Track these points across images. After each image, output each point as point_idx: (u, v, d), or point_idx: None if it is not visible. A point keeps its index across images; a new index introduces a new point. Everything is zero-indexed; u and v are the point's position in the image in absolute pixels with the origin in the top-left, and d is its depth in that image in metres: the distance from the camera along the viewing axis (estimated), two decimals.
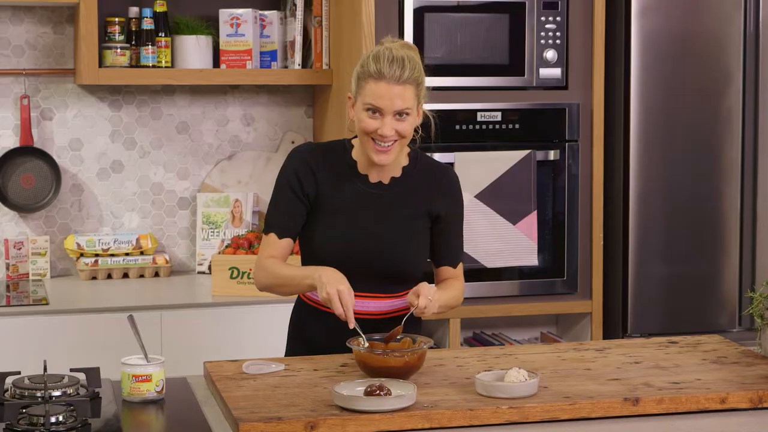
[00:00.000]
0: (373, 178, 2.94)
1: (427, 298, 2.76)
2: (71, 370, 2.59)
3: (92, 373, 2.57)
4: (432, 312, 2.80)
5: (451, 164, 3.92)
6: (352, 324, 2.70)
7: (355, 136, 2.97)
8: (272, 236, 2.93)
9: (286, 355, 3.06)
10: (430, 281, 2.95)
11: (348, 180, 2.93)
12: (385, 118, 2.80)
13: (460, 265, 3.05)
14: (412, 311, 2.77)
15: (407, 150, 2.97)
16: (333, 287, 2.71)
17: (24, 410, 2.37)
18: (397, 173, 2.95)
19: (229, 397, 2.51)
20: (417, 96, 2.83)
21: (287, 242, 2.93)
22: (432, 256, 3.02)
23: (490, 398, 2.49)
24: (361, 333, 2.72)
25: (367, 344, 2.69)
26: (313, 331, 2.99)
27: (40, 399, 2.44)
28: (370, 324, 2.86)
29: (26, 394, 2.46)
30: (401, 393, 2.44)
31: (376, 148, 2.83)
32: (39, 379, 2.51)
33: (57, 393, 2.46)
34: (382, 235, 2.91)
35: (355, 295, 2.78)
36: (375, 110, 2.80)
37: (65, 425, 2.34)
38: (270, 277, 2.91)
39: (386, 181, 2.94)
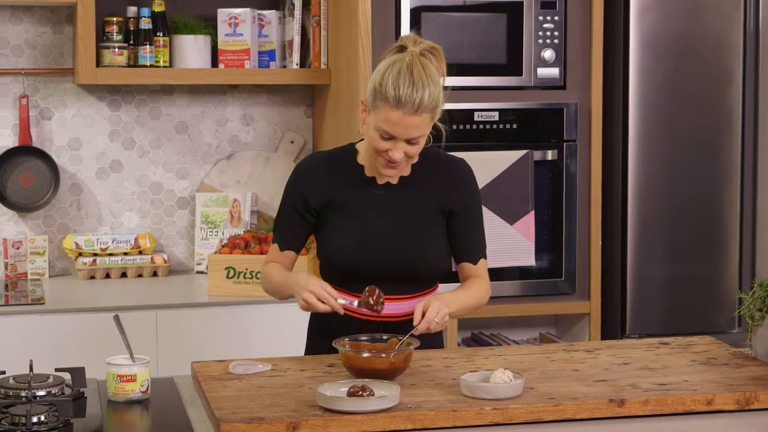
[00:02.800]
0: (381, 180, 2.93)
1: (430, 322, 2.72)
2: (56, 369, 2.59)
3: (77, 373, 2.57)
4: (437, 330, 2.77)
5: None
6: (342, 310, 2.74)
7: (361, 140, 2.97)
8: (275, 246, 3.00)
9: (305, 353, 3.05)
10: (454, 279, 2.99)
11: (356, 185, 2.93)
12: (397, 143, 2.78)
13: (483, 263, 3.00)
14: (414, 329, 2.74)
15: None
16: (305, 293, 2.74)
17: (6, 410, 2.37)
18: (407, 172, 2.93)
19: (213, 397, 2.51)
20: (432, 119, 2.80)
21: (289, 253, 2.99)
22: (452, 253, 2.99)
23: (474, 399, 2.48)
24: (350, 303, 2.77)
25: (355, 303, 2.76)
26: (336, 332, 2.85)
27: (24, 399, 2.43)
28: (393, 326, 2.86)
29: (10, 393, 2.46)
30: (384, 394, 2.43)
31: (385, 164, 2.83)
32: (24, 379, 2.51)
33: (41, 393, 2.46)
34: (394, 237, 2.89)
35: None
36: (388, 136, 2.78)
37: (47, 425, 2.33)
38: (265, 281, 3.00)
39: (395, 181, 2.93)
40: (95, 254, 4.33)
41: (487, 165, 4.07)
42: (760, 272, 4.28)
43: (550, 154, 4.18)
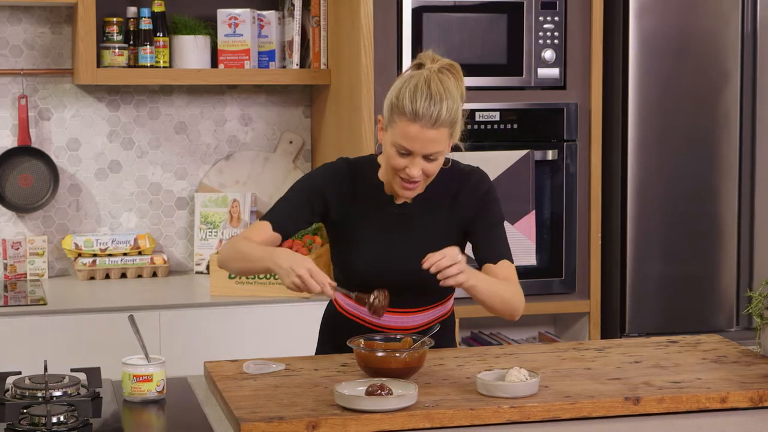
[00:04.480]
0: (399, 199, 2.91)
1: (452, 259, 2.63)
2: (72, 370, 2.59)
3: (93, 373, 2.57)
4: (460, 281, 2.66)
5: None
6: (332, 292, 2.68)
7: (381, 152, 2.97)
8: (265, 224, 2.89)
9: (316, 354, 3.05)
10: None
11: (375, 203, 2.91)
12: (414, 159, 2.75)
13: (508, 266, 2.93)
14: (439, 274, 2.65)
15: None
16: (301, 270, 2.64)
17: (25, 410, 2.37)
18: (422, 189, 2.91)
19: (230, 397, 2.51)
20: (450, 135, 2.77)
21: (276, 236, 2.89)
22: (475, 259, 2.95)
23: (491, 398, 2.49)
24: (347, 293, 2.81)
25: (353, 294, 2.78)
26: (344, 338, 2.81)
27: (41, 399, 2.43)
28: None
29: (27, 394, 2.46)
30: (402, 393, 2.44)
31: (402, 184, 2.80)
32: (40, 379, 2.51)
33: (58, 393, 2.46)
34: (411, 256, 2.84)
35: (392, 311, 2.85)
36: (406, 152, 2.76)
37: (66, 425, 2.33)
38: (231, 249, 2.87)
39: (411, 200, 2.92)
40: (95, 255, 4.33)
41: (488, 165, 4.03)
42: (759, 271, 4.31)
43: (550, 154, 4.20)
